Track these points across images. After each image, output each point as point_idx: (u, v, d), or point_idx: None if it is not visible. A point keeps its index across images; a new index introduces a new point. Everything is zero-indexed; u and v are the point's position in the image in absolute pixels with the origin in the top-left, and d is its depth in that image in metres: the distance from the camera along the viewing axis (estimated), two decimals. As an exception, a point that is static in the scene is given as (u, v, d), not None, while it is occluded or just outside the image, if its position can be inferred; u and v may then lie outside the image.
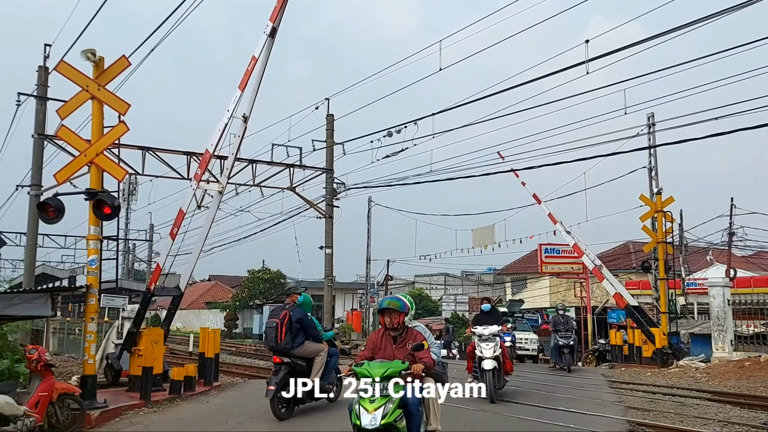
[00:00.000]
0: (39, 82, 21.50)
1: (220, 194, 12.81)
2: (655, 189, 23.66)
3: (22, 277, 24.24)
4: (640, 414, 10.00)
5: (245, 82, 11.96)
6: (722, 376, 16.36)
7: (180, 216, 12.16)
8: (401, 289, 52.77)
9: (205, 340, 13.53)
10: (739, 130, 14.35)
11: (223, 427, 8.69)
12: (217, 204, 12.79)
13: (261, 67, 11.98)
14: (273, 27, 11.81)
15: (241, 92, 11.99)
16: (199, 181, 12.34)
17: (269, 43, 11.89)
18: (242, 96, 12.05)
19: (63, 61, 10.89)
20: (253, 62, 11.86)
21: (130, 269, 51.78)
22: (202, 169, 12.35)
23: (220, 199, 12.84)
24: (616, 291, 21.33)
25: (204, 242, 12.88)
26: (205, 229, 12.71)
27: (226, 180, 12.95)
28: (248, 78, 11.92)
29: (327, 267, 29.85)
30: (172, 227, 12.31)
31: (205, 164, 12.43)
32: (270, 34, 11.81)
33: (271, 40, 11.87)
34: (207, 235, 12.78)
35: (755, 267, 34.71)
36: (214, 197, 12.87)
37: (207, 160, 12.34)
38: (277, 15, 11.75)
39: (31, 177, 20.99)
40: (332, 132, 29.65)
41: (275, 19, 11.75)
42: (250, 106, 12.51)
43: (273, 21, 11.77)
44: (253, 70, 11.90)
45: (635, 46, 14.47)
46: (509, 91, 16.91)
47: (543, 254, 30.78)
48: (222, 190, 12.76)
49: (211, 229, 12.92)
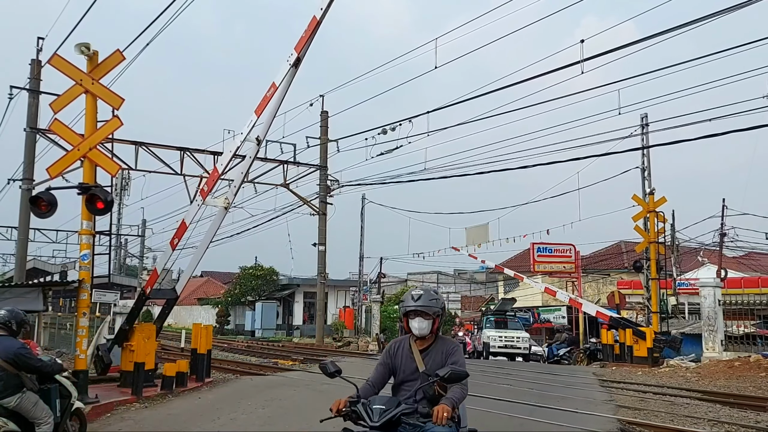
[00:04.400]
0: (32, 76, 21.39)
1: (225, 210, 12.49)
2: (647, 189, 23.78)
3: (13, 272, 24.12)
4: (630, 413, 10.05)
5: (262, 107, 11.48)
6: (712, 375, 16.47)
7: (182, 228, 11.98)
8: (394, 287, 52.85)
9: (197, 337, 13.50)
10: (731, 132, 14.47)
11: (215, 423, 8.67)
12: (220, 219, 12.56)
13: (281, 94, 11.55)
14: (297, 57, 11.26)
15: (256, 117, 11.64)
16: (206, 197, 12.14)
17: (292, 72, 11.37)
18: (257, 121, 11.78)
19: (57, 55, 10.82)
20: (273, 89, 11.36)
21: (122, 265, 51.62)
22: (209, 186, 12.16)
23: (224, 214, 12.58)
24: (597, 311, 23.29)
25: (202, 255, 12.74)
26: (205, 243, 12.53)
27: (233, 197, 12.68)
28: (266, 104, 11.50)
29: (320, 264, 29.86)
30: (173, 237, 12.20)
31: (213, 182, 12.21)
32: (293, 64, 11.30)
33: (294, 69, 11.33)
34: (207, 248, 12.63)
35: (746, 268, 34.91)
36: (219, 212, 12.59)
37: (215, 178, 12.14)
38: (303, 45, 11.25)
39: (23, 171, 20.90)
40: (326, 129, 29.63)
41: (301, 50, 11.25)
42: (265, 130, 12.23)
43: (298, 51, 11.20)
44: (271, 97, 11.52)
45: (630, 46, 14.54)
46: (503, 90, 16.98)
47: (535, 253, 30.88)
48: (228, 206, 12.45)
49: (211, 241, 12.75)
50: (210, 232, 12.71)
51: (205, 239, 12.66)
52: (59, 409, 6.44)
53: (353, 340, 32.25)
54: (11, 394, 5.80)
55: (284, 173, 26.71)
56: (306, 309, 44.64)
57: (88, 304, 10.40)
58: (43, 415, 6.00)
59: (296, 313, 44.96)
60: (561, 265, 31.55)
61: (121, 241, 47.51)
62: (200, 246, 12.76)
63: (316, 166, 28.77)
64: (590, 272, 37.94)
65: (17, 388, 5.84)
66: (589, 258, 39.13)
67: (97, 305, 19.99)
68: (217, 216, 12.54)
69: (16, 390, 5.83)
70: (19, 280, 20.18)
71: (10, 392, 5.79)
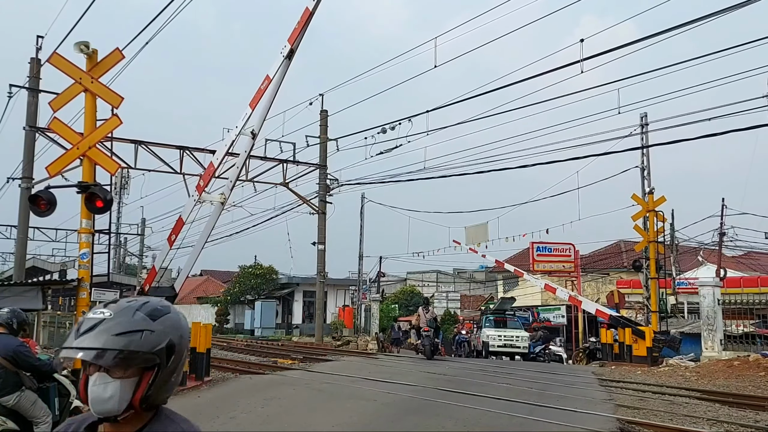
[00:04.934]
0: (31, 74, 21.35)
1: (222, 205, 12.52)
2: (647, 189, 23.78)
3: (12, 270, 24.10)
4: (629, 412, 10.05)
5: (257, 100, 11.50)
6: (711, 375, 16.47)
7: (179, 224, 12.01)
8: (393, 286, 52.85)
9: (196, 335, 13.48)
10: (731, 131, 14.48)
11: (215, 422, 8.66)
12: (217, 215, 12.58)
13: (275, 87, 11.51)
14: (291, 49, 11.25)
15: (251, 110, 11.65)
16: (201, 192, 12.16)
17: (286, 64, 11.35)
18: (252, 114, 11.77)
19: (56, 53, 10.81)
20: (267, 81, 11.36)
21: (122, 263, 51.61)
22: (205, 181, 12.19)
23: (221, 210, 12.60)
24: (596, 309, 23.38)
25: (200, 253, 12.75)
26: (202, 239, 12.56)
27: (229, 193, 12.71)
28: (260, 96, 11.49)
29: (319, 263, 29.85)
30: (171, 234, 12.21)
31: (209, 177, 12.25)
32: (287, 56, 11.27)
33: (288, 61, 11.32)
34: (204, 244, 12.65)
35: (745, 267, 34.94)
36: (215, 208, 12.60)
37: (211, 173, 12.17)
38: (296, 38, 11.21)
39: (23, 169, 20.86)
40: (326, 128, 29.62)
41: (294, 42, 11.21)
42: (260, 123, 12.18)
43: (291, 43, 11.21)
44: (266, 90, 11.52)
45: (630, 45, 14.55)
46: (503, 90, 16.99)
47: (535, 252, 30.90)
48: (224, 202, 12.49)
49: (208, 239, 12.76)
50: (207, 227, 12.73)
51: (203, 235, 12.68)
52: (58, 407, 6.43)
53: (353, 339, 32.25)
54: (10, 393, 5.78)
55: (284, 172, 26.71)
56: (305, 308, 44.65)
57: (88, 302, 10.39)
58: (42, 414, 5.99)
59: (295, 312, 44.97)
60: (560, 265, 31.59)
61: (120, 240, 47.51)
62: (198, 242, 12.78)
63: (316, 165, 28.76)
64: (590, 271, 37.96)
65: (16, 387, 5.83)
66: (589, 257, 39.16)
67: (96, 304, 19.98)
68: (214, 212, 12.56)
69: (15, 388, 5.82)
70: (19, 278, 20.15)
71: (8, 390, 5.78)
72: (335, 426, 8.26)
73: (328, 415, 8.93)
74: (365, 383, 12.59)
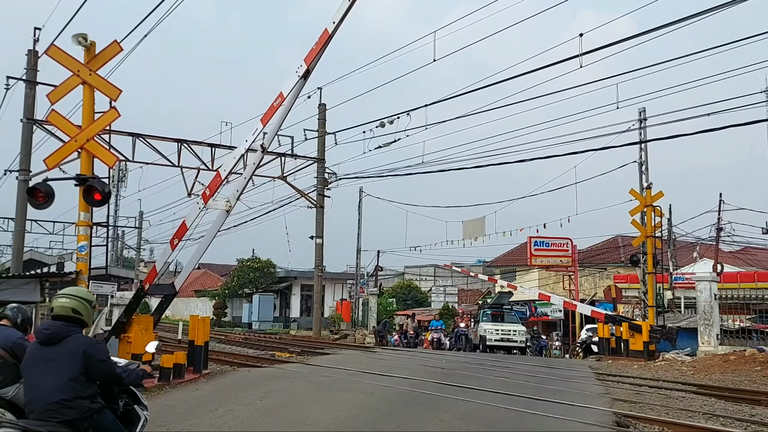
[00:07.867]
0: (29, 66, 21.29)
1: (227, 213, 12.40)
2: (645, 183, 23.80)
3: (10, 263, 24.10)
4: (626, 406, 10.09)
5: (269, 117, 11.40)
6: (708, 369, 16.54)
7: (183, 229, 11.90)
8: (391, 280, 52.92)
9: (194, 328, 13.51)
10: (729, 127, 14.49)
11: (213, 415, 8.69)
12: (221, 222, 12.47)
13: (288, 105, 11.53)
14: (307, 69, 11.20)
15: (262, 127, 11.61)
16: (207, 201, 12.05)
17: (301, 83, 11.34)
18: (263, 130, 11.73)
19: (54, 45, 10.78)
20: (280, 99, 11.27)
21: (119, 256, 51.62)
22: (211, 191, 12.06)
23: (225, 217, 12.49)
24: (592, 310, 23.83)
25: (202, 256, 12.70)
26: (204, 244, 12.48)
27: (235, 200, 12.59)
28: (272, 113, 11.46)
29: (317, 257, 29.87)
30: (174, 237, 12.15)
31: (216, 186, 12.08)
32: (303, 76, 11.25)
33: (303, 81, 11.32)
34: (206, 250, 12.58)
35: (742, 262, 35.05)
36: (219, 214, 12.47)
37: (219, 183, 12.06)
38: (314, 58, 11.19)
39: (20, 162, 20.82)
40: (324, 121, 29.59)
41: (310, 63, 11.19)
42: (270, 139, 12.24)
43: (308, 64, 11.09)
44: (278, 107, 11.45)
45: (629, 40, 14.54)
46: (501, 84, 16.97)
47: (532, 247, 30.95)
48: (230, 210, 12.36)
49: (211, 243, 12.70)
50: (210, 233, 12.63)
51: (205, 240, 12.60)
52: None
53: (350, 333, 32.33)
54: (9, 385, 5.80)
55: (282, 166, 26.71)
56: (303, 301, 44.70)
57: (86, 295, 10.39)
58: None
59: (293, 306, 45.03)
60: (558, 259, 31.65)
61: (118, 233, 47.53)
62: (199, 247, 12.69)
63: (314, 158, 28.74)
64: (587, 266, 38.02)
65: (15, 379, 5.84)
66: (586, 252, 39.22)
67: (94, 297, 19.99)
68: (218, 218, 12.41)
69: (14, 380, 5.83)
70: (16, 271, 20.15)
71: (7, 382, 5.78)
72: (333, 418, 8.29)
73: (327, 407, 8.96)
74: (363, 376, 12.63)
